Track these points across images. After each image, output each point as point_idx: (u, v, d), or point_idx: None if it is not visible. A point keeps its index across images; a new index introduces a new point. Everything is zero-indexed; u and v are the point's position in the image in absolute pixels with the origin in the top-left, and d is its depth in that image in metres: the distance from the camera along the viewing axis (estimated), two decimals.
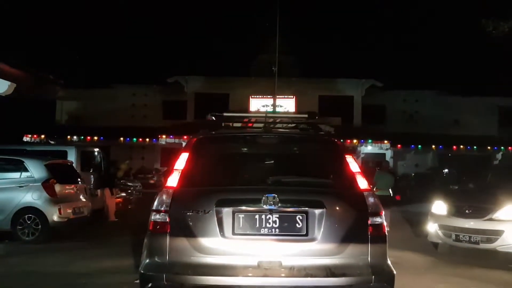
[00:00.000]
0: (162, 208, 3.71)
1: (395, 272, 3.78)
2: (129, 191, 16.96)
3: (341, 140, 4.50)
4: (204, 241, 3.64)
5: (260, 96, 29.40)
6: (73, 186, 10.26)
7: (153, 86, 33.68)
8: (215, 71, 31.16)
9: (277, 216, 3.70)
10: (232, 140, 4.49)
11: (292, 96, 29.52)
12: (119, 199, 14.36)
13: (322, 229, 3.67)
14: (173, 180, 3.81)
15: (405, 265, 7.71)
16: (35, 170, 9.49)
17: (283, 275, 3.59)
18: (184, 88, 32.36)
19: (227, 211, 3.68)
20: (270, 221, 3.69)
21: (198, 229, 3.65)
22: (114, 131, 29.93)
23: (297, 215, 3.71)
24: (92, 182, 12.69)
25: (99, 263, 7.65)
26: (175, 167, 3.92)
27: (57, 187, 9.54)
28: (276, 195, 3.68)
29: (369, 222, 3.75)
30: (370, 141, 28.02)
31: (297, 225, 3.71)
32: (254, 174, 4.18)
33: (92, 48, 41.86)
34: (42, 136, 29.84)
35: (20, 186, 9.38)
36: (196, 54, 33.69)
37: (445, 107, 30.89)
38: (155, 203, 3.77)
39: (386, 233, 3.88)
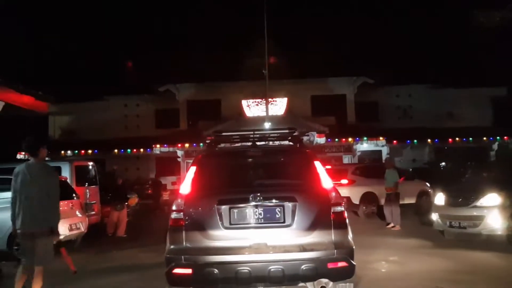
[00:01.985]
0: (178, 209, 4.98)
1: (354, 247, 4.88)
2: (126, 203, 16.68)
3: (337, 140, 5.04)
4: (210, 231, 4.89)
5: (252, 101, 29.32)
6: (68, 202, 9.98)
7: (144, 95, 33.50)
8: (205, 77, 31.00)
9: (262, 209, 4.93)
10: (227, 154, 5.82)
11: (284, 98, 29.46)
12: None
13: (295, 218, 4.89)
14: (185, 187, 5.09)
15: (411, 248, 9.39)
16: None
17: (270, 252, 4.77)
18: (175, 96, 32.24)
19: (225, 208, 4.92)
20: (257, 213, 4.93)
21: (204, 222, 4.91)
22: (108, 143, 29.89)
23: (276, 208, 4.94)
24: (87, 197, 12.49)
25: (99, 280, 7.48)
26: (186, 177, 5.20)
27: None
28: (259, 194, 4.91)
29: (332, 210, 4.91)
30: (365, 138, 27.90)
31: (276, 215, 4.94)
32: (244, 179, 5.37)
33: (81, 61, 41.67)
34: None
35: None
36: (186, 61, 33.47)
37: (439, 100, 30.83)
38: (174, 205, 5.04)
39: (346, 218, 5.00)
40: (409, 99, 32.36)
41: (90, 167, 13.58)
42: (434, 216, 10.25)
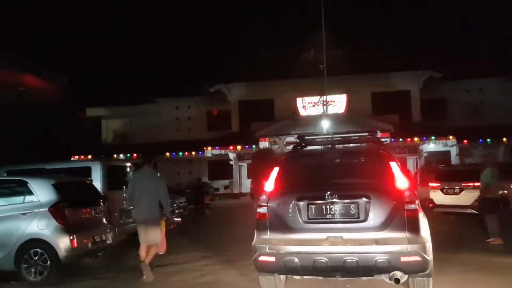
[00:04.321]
0: (263, 204, 5.46)
1: (428, 243, 4.94)
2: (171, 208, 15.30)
3: (401, 139, 6.87)
4: (290, 224, 5.30)
5: (308, 101, 27.82)
6: (90, 209, 8.48)
7: (195, 97, 32.67)
8: (257, 76, 29.57)
9: (337, 206, 5.22)
10: (308, 155, 6.28)
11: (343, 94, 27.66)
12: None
13: (369, 214, 5.10)
14: (269, 186, 5.57)
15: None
16: (40, 192, 7.71)
17: (346, 244, 5.05)
18: (227, 97, 31.21)
19: (303, 204, 5.30)
20: (333, 209, 5.22)
21: (286, 216, 5.34)
22: (160, 146, 29.23)
23: (351, 205, 5.18)
24: (124, 202, 11.10)
25: None
26: (270, 177, 5.64)
27: (69, 212, 7.75)
28: (335, 192, 5.21)
29: (405, 208, 5.04)
30: (433, 138, 25.59)
31: (351, 211, 5.18)
32: (322, 179, 5.64)
33: (133, 65, 41.55)
34: (89, 156, 29.40)
35: (23, 213, 7.57)
36: (237, 60, 32.20)
37: None
38: (260, 201, 5.50)
39: (420, 215, 5.07)
40: (480, 94, 29.66)
41: (128, 169, 12.22)
42: None
